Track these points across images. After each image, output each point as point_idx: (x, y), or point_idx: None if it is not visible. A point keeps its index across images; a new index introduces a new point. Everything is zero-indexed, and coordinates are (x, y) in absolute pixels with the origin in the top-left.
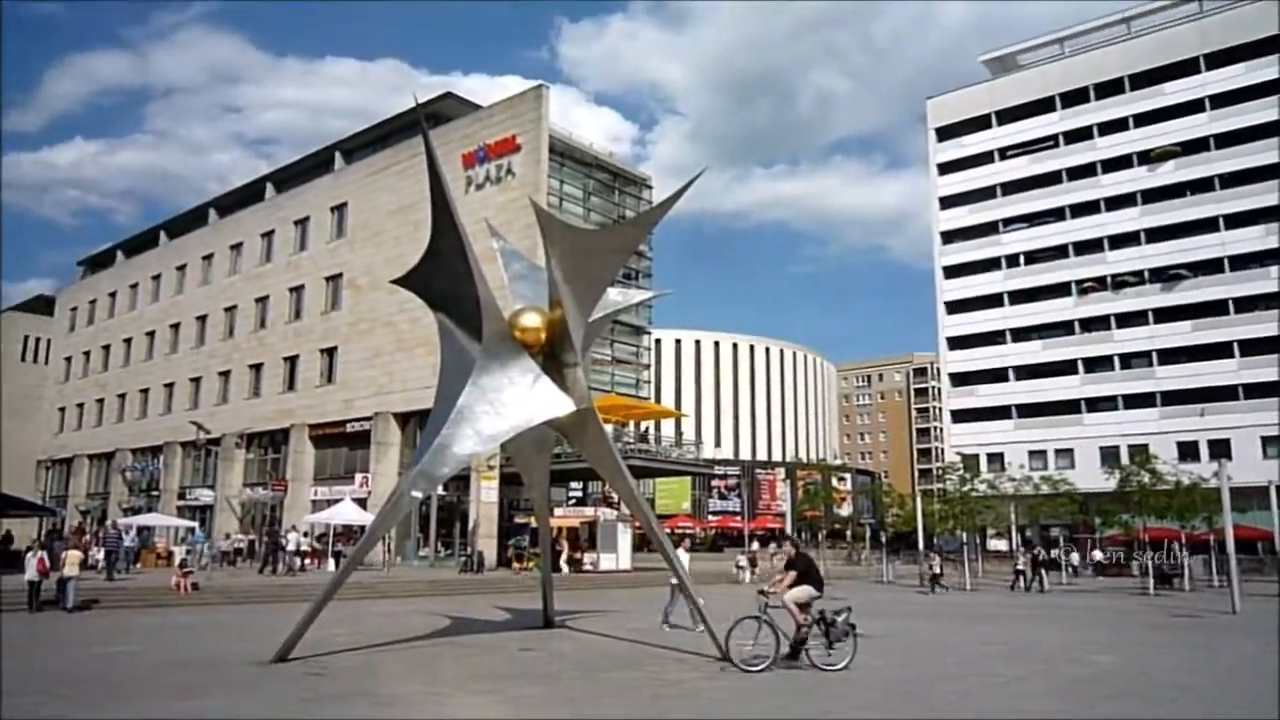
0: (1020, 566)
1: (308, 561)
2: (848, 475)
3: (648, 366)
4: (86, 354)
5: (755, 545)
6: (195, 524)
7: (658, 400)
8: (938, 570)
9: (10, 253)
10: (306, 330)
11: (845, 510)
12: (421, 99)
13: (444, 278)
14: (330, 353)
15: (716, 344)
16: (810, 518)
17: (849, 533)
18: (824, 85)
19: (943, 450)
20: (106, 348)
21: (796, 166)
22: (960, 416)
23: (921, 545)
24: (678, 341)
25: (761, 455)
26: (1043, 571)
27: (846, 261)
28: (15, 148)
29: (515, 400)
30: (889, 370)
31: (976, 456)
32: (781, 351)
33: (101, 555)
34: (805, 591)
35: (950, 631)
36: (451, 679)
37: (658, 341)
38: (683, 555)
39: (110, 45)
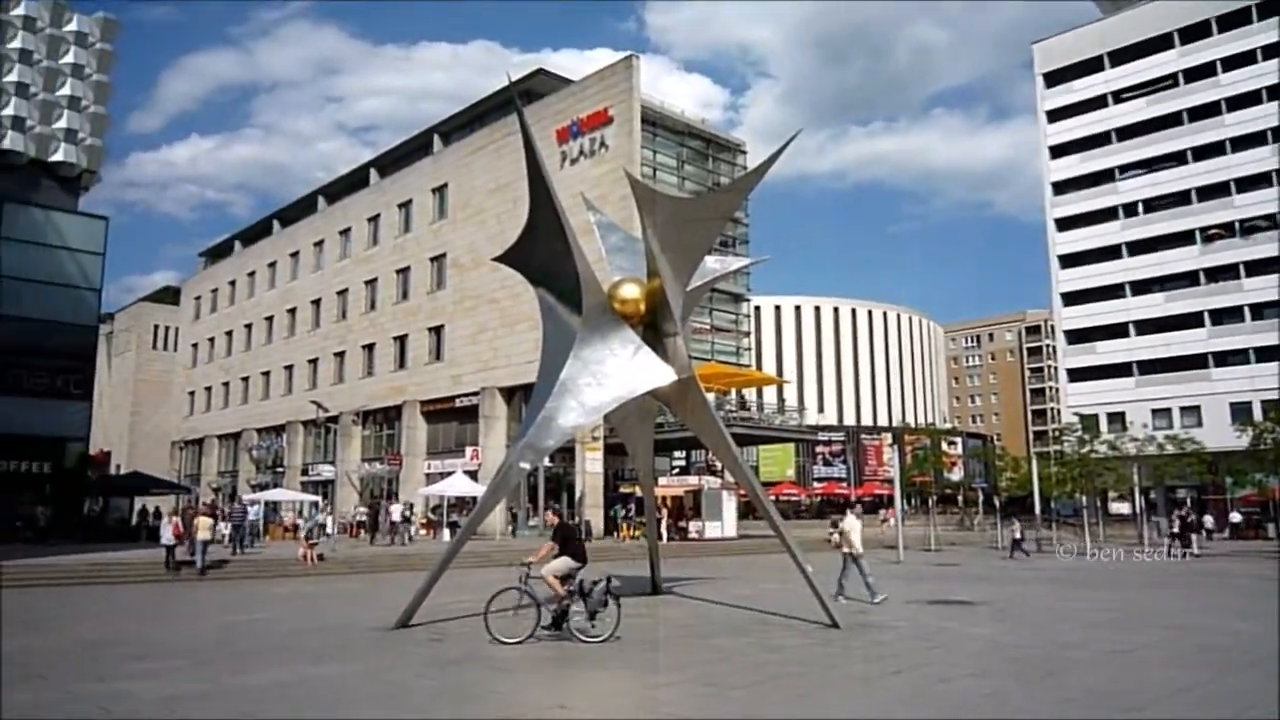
0: (1174, 529)
1: (421, 531)
2: (958, 439)
3: (747, 334)
4: (211, 340)
5: (849, 511)
6: (318, 498)
7: (758, 368)
8: (1018, 535)
9: (138, 247)
10: (414, 310)
11: (956, 475)
12: (514, 77)
13: (543, 253)
14: (437, 331)
15: (817, 309)
16: (919, 483)
17: (960, 498)
18: (920, 38)
19: (1059, 411)
20: (229, 333)
21: (894, 123)
22: (1077, 375)
23: (1038, 509)
24: (777, 308)
25: (867, 420)
26: (1191, 535)
27: (950, 218)
28: (137, 148)
29: (617, 371)
30: (999, 330)
31: (1095, 417)
32: (885, 314)
33: (228, 530)
34: (564, 563)
35: (1067, 598)
36: (563, 645)
37: (757, 308)
38: (853, 521)
39: (219, 44)
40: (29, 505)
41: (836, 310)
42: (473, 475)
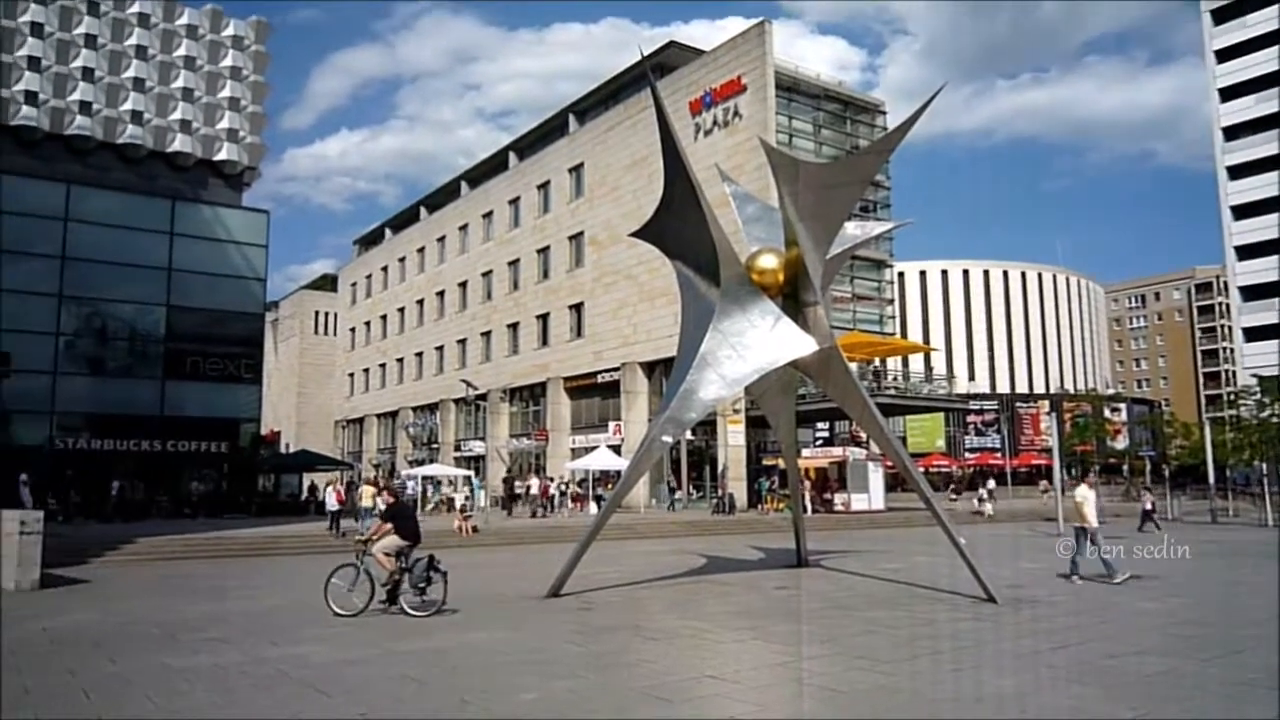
0: None
1: (571, 505)
2: (1122, 406)
3: (891, 301)
4: (367, 324)
5: (991, 482)
6: (470, 473)
7: (903, 336)
8: (1149, 506)
9: (297, 238)
10: (555, 288)
11: (1120, 443)
12: (645, 52)
13: (679, 227)
14: (577, 308)
15: (965, 273)
16: (1081, 452)
17: (1126, 467)
18: None
19: (1234, 373)
20: (384, 317)
21: (1044, 74)
22: (1255, 334)
23: (1211, 478)
24: (922, 273)
25: (1022, 388)
26: None
27: (1109, 172)
28: (292, 144)
29: (757, 343)
30: (1165, 288)
31: (1276, 378)
32: (1039, 275)
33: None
34: (393, 542)
35: (1247, 572)
36: (712, 615)
37: (900, 275)
38: (1087, 491)
39: (364, 40)
40: (206, 481)
41: (986, 273)
42: (616, 449)
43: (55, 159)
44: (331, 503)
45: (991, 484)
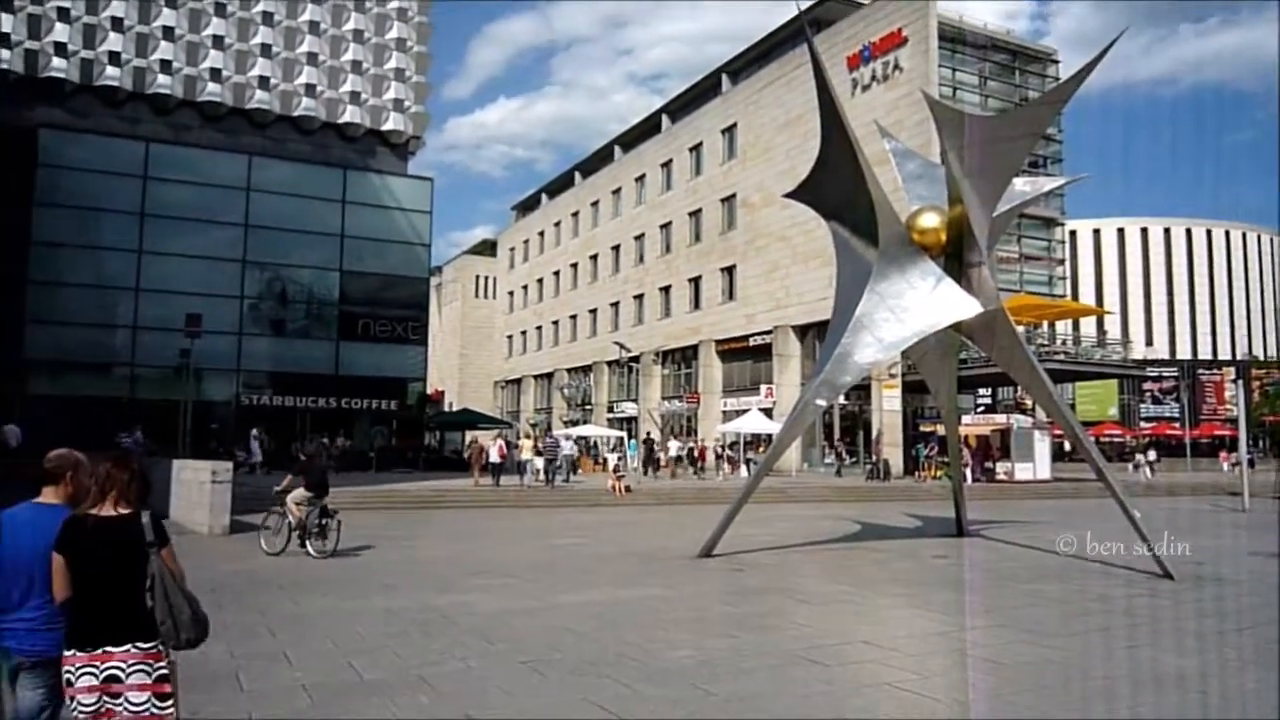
0: None
1: (727, 468)
2: None
3: (1062, 261)
4: (525, 288)
5: (1152, 452)
6: (623, 434)
7: (1074, 298)
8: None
9: (459, 204)
10: (706, 251)
11: None
12: (803, 6)
13: (835, 186)
14: (729, 271)
15: (1144, 231)
16: (1270, 423)
17: None
18: None
19: None
20: (540, 281)
21: (1235, 15)
22: None
23: None
24: (1096, 232)
25: (1205, 353)
26: None
27: None
28: (453, 114)
29: (916, 305)
30: None
31: None
32: (1227, 234)
33: (541, 464)
34: (300, 493)
35: None
36: (865, 581)
37: (1072, 233)
38: None
39: (519, 9)
40: (378, 438)
41: (1167, 231)
42: (767, 413)
43: (238, 132)
44: (494, 456)
45: (1153, 453)
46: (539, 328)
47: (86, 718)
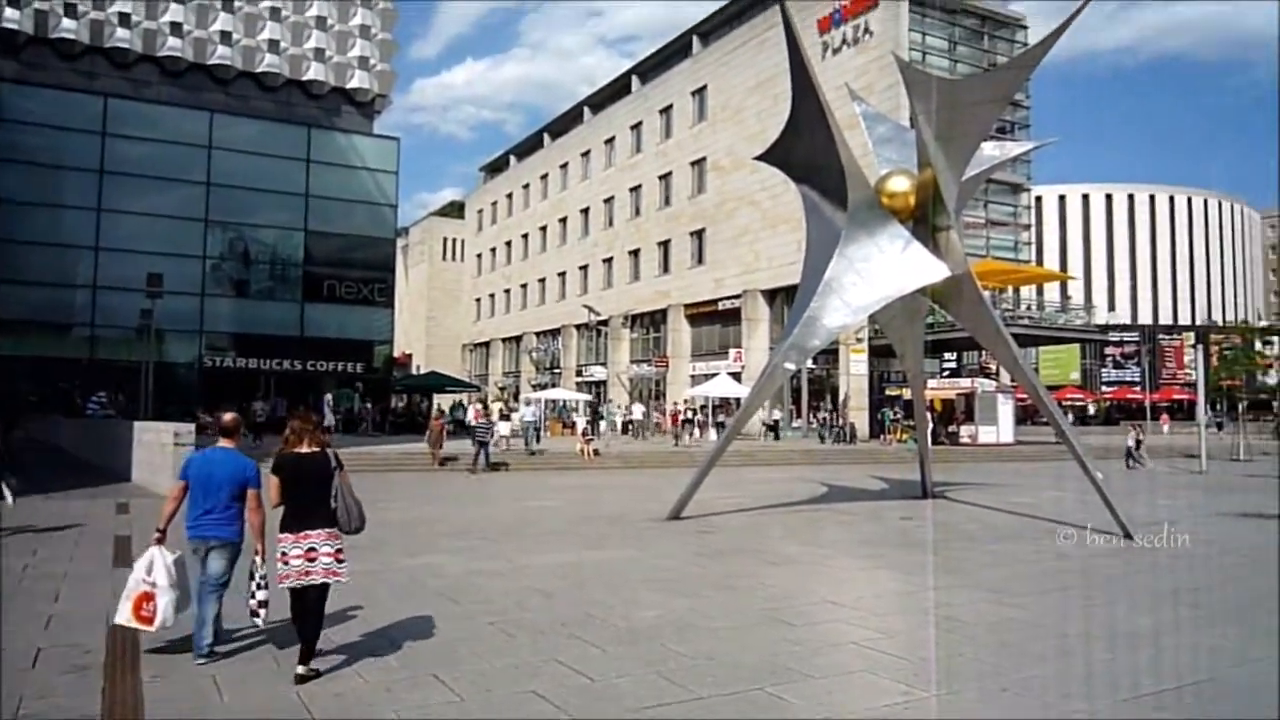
0: None
1: (696, 432)
2: (1275, 339)
3: (1028, 227)
4: (493, 250)
5: (1132, 434)
6: (592, 397)
7: (1039, 263)
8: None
9: (426, 166)
10: (676, 214)
11: (1272, 378)
12: None
13: (806, 149)
14: (699, 235)
15: (1108, 197)
16: (1228, 387)
17: (1277, 404)
18: None
19: None
20: (509, 243)
21: None
22: None
23: None
24: (1061, 198)
25: (1165, 319)
26: None
27: (1268, 91)
28: (420, 74)
29: (884, 269)
30: None
31: None
32: (1189, 200)
33: (508, 429)
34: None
35: None
36: (833, 542)
37: (1038, 199)
38: None
39: None
40: (347, 401)
41: (1131, 198)
42: (736, 377)
43: (199, 88)
44: (470, 418)
45: (1134, 436)
46: (507, 290)
47: (297, 572)
